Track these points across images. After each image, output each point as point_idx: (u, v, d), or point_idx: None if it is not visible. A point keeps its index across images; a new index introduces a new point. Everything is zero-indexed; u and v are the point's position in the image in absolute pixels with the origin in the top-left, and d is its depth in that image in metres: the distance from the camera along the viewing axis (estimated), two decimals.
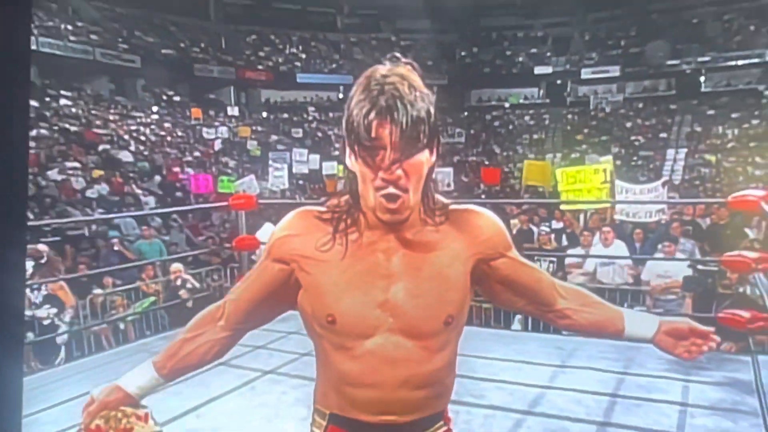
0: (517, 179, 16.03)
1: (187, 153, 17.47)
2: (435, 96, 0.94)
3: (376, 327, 0.96)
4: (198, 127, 20.38)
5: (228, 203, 4.42)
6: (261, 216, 6.82)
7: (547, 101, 27.31)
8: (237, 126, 21.58)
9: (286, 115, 25.66)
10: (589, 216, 7.18)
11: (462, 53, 29.21)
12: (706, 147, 21.49)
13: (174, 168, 14.47)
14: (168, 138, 18.50)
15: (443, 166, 13.03)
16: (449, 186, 11.16)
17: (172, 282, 5.92)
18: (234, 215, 6.09)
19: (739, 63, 23.65)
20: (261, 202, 4.75)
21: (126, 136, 16.77)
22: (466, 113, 27.54)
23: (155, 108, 21.36)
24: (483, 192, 15.30)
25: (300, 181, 15.25)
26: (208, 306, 1.12)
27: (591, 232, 6.06)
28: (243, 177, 11.76)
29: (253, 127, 21.96)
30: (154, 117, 20.38)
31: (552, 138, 24.98)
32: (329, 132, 23.87)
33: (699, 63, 24.44)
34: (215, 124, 20.99)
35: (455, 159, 21.63)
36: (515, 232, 7.26)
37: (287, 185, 12.49)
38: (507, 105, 27.88)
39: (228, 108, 23.65)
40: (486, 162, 21.23)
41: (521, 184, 12.19)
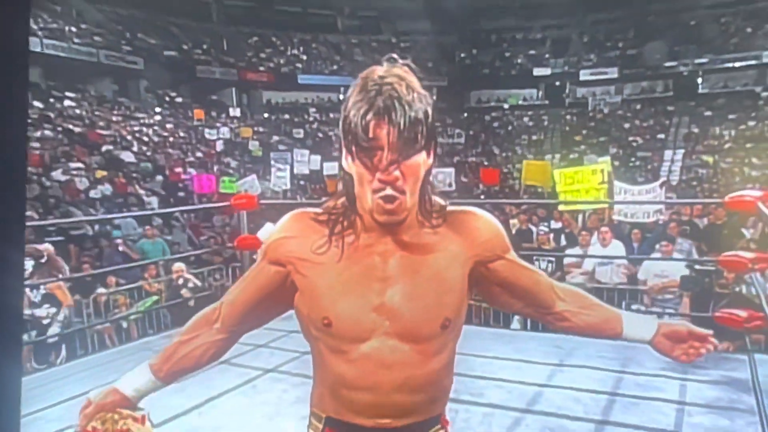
0: (516, 179, 16.03)
1: (190, 153, 17.46)
2: (434, 97, 0.94)
3: (372, 330, 0.95)
4: (200, 128, 20.39)
5: (230, 203, 4.45)
6: (262, 216, 6.83)
7: (546, 102, 27.37)
8: (239, 127, 21.58)
9: (287, 116, 25.69)
10: (588, 216, 7.21)
11: (461, 55, 29.25)
12: (703, 148, 21.52)
13: (176, 168, 14.44)
14: (170, 139, 18.50)
15: (444, 166, 13.08)
16: (450, 186, 11.16)
17: (174, 281, 5.93)
18: (235, 217, 6.11)
19: (736, 65, 23.71)
20: (262, 202, 4.78)
21: (129, 136, 16.78)
22: (465, 114, 27.58)
23: (158, 109, 21.38)
24: (482, 192, 15.34)
25: (301, 182, 15.26)
26: (209, 305, 1.12)
27: (589, 232, 6.08)
28: (245, 177, 11.75)
29: (255, 128, 21.96)
30: (156, 118, 20.39)
31: (551, 139, 25.01)
32: (330, 133, 23.87)
33: (696, 65, 24.51)
34: (217, 124, 20.99)
35: (455, 159, 21.64)
36: (514, 231, 7.30)
37: (289, 185, 12.49)
38: (506, 106, 27.93)
39: (230, 109, 23.67)
40: (485, 162, 21.26)
41: (520, 184, 12.19)
